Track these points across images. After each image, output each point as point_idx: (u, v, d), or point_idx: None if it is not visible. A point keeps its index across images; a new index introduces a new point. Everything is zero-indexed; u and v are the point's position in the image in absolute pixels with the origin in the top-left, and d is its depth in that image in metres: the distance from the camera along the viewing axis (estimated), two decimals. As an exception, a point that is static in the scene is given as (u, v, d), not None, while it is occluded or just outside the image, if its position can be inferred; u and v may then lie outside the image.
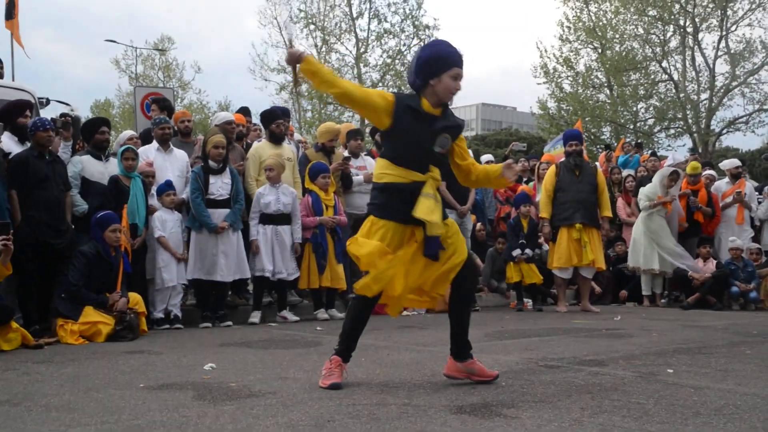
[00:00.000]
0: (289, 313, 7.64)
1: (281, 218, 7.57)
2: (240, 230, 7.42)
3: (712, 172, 11.26)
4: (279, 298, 7.71)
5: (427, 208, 3.86)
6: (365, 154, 9.78)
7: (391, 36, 27.17)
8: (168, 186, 7.28)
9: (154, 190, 7.30)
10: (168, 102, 9.28)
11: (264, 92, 63.25)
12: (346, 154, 8.71)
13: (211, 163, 7.30)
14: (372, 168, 8.92)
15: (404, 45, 27.38)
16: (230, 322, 7.27)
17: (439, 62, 3.92)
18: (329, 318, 7.75)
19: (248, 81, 79.26)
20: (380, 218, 4.00)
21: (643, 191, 9.90)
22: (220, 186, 7.30)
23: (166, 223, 7.22)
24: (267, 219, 7.53)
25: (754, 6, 27.39)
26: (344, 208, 8.32)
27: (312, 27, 26.91)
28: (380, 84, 27.67)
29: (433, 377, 4.27)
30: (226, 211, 7.27)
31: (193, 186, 7.25)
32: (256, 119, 9.60)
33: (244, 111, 9.33)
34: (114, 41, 32.93)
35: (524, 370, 4.53)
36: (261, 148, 8.14)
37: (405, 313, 8.40)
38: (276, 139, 8.18)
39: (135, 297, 6.55)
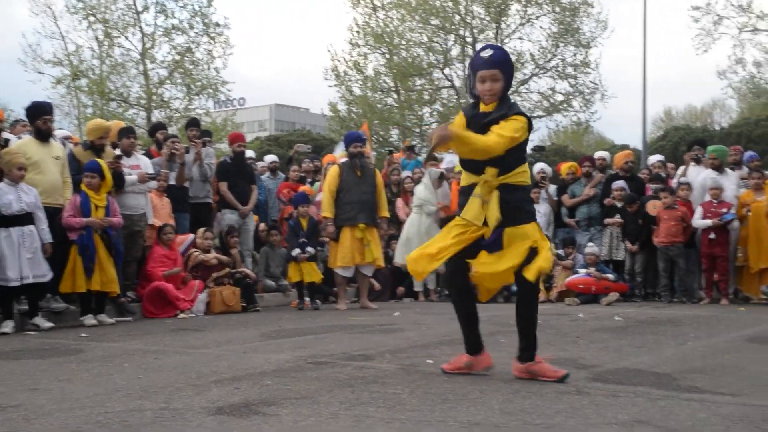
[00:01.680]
0: (41, 319, 7.07)
1: (25, 218, 6.96)
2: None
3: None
4: (30, 304, 7.14)
5: (471, 208, 4.09)
6: (143, 153, 9.40)
7: (179, 32, 26.30)
8: None
9: None
10: None
11: (38, 86, 58.81)
12: (117, 152, 8.30)
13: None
14: (146, 167, 8.60)
15: (193, 42, 26.63)
16: (-21, 334, 6.65)
17: (471, 71, 4.21)
18: (98, 324, 7.33)
19: (19, 73, 73.02)
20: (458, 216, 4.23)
21: (419, 194, 10.36)
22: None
23: None
24: (9, 221, 6.86)
25: (524, 21, 29.70)
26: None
27: (92, 19, 25.37)
28: (168, 82, 26.72)
29: (198, 380, 4.17)
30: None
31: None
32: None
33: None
34: None
35: (292, 368, 4.56)
36: (25, 144, 7.53)
37: (181, 315, 8.17)
38: (42, 136, 7.61)
39: None
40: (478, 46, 30.24)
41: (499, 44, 29.99)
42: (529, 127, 4.10)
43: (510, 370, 4.21)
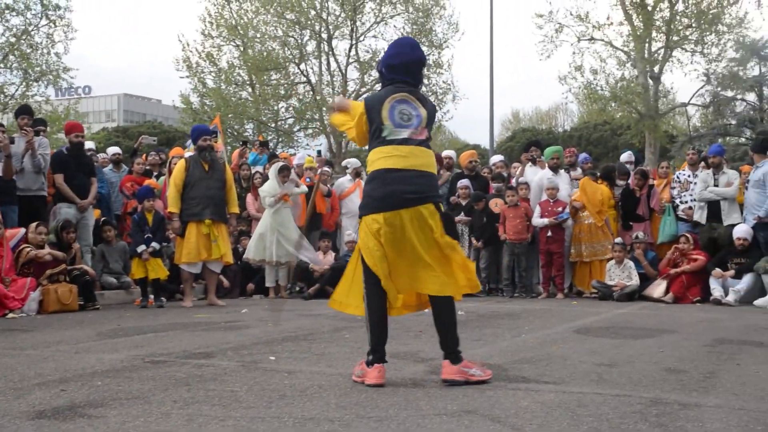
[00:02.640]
0: None
1: None
2: None
3: (327, 169, 12.06)
4: None
5: None
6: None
7: (14, 13, 24.63)
8: None
9: None
10: None
11: None
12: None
13: None
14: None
15: (31, 24, 25.03)
16: None
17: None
18: None
19: None
20: None
21: (264, 189, 10.27)
22: None
23: None
24: None
25: (378, 20, 30.14)
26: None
27: None
28: (1, 65, 24.97)
29: (20, 382, 3.93)
30: None
31: None
32: None
33: None
34: None
35: (127, 368, 4.39)
36: None
37: (11, 315, 7.67)
38: None
39: None
40: (334, 42, 30.45)
41: (355, 41, 30.28)
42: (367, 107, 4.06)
43: (349, 367, 4.24)
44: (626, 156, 11.78)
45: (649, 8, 26.36)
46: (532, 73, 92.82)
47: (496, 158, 12.76)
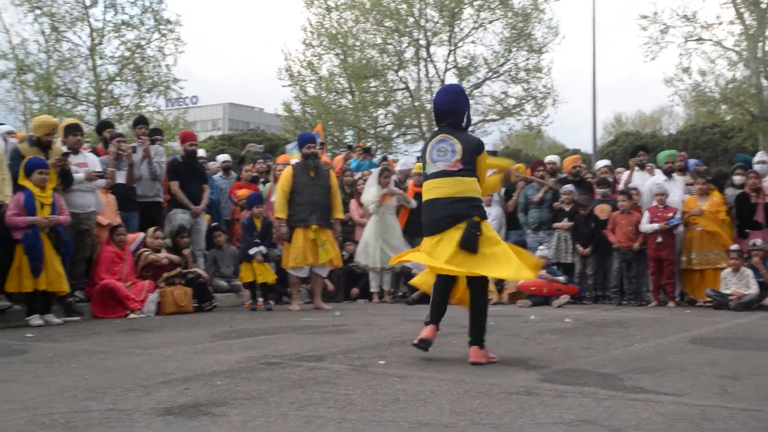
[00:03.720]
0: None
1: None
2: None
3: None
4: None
5: None
6: (90, 150, 9.23)
7: (129, 28, 25.86)
8: None
9: None
10: None
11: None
12: (64, 149, 8.14)
13: None
14: (93, 165, 8.44)
15: (144, 39, 26.21)
16: None
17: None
18: (44, 324, 7.18)
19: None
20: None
21: (364, 197, 10.39)
22: None
23: None
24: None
25: (477, 25, 29.99)
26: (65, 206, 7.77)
27: (38, 12, 24.76)
28: (118, 78, 26.26)
29: (147, 380, 4.12)
30: None
31: None
32: None
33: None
34: None
35: (243, 369, 4.53)
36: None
37: (132, 315, 8.06)
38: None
39: None
40: (432, 49, 30.49)
41: (453, 47, 30.24)
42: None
43: (460, 373, 4.24)
44: (760, 155, 11.12)
45: (763, 5, 25.14)
46: (635, 76, 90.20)
47: (601, 163, 12.44)
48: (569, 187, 10.93)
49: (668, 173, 10.37)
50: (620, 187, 10.90)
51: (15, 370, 4.52)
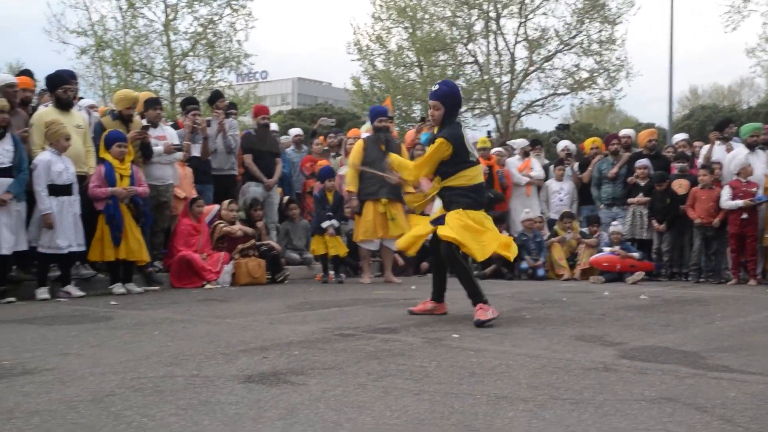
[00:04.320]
0: (73, 288, 7.22)
1: (68, 188, 7.12)
2: (24, 201, 6.91)
3: (500, 149, 12.01)
4: (62, 272, 7.27)
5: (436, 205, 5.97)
6: (171, 124, 9.44)
7: (202, 4, 26.26)
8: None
9: None
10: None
11: (62, 55, 58.73)
12: (144, 123, 8.34)
13: (-10, 128, 6.71)
14: (172, 138, 8.64)
15: (216, 14, 26.59)
16: (13, 298, 6.77)
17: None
18: (126, 292, 7.44)
19: (44, 42, 73.25)
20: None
21: None
22: (0, 153, 6.73)
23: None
24: (57, 190, 7.02)
25: (549, -4, 29.36)
26: (145, 179, 7.99)
27: (116, -11, 25.39)
28: (191, 54, 26.74)
29: (227, 348, 4.23)
30: (8, 180, 6.71)
31: (-30, 153, 6.62)
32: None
33: (29, 74, 8.65)
34: None
35: (319, 339, 4.60)
36: (47, 114, 7.58)
37: (208, 286, 8.27)
38: (63, 105, 7.66)
39: None
40: (502, 21, 30.03)
41: (523, 19, 29.70)
42: (454, 142, 5.43)
43: (535, 348, 4.22)
44: None
45: None
46: (713, 47, 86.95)
47: (679, 136, 12.09)
48: (645, 161, 10.66)
49: (751, 147, 9.99)
50: (699, 161, 10.57)
51: (103, 336, 4.69)
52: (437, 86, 5.67)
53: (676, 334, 4.97)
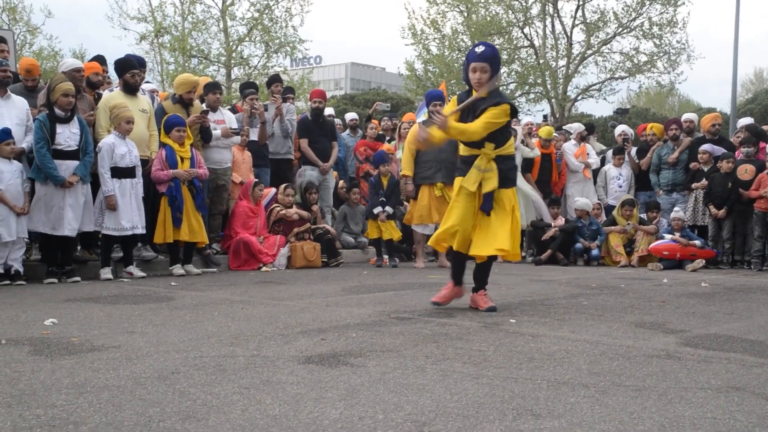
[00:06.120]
0: (135, 268, 7.41)
1: (132, 171, 7.29)
2: (89, 183, 7.10)
3: (555, 134, 11.90)
4: (125, 253, 7.46)
5: (470, 178, 5.18)
6: (229, 108, 9.56)
7: (258, -12, 26.48)
8: (6, 134, 6.77)
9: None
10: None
11: (123, 41, 59.99)
12: (204, 107, 8.47)
13: (57, 111, 6.89)
14: (230, 122, 8.76)
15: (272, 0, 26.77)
16: (78, 278, 6.98)
17: (465, 61, 5.22)
18: (185, 273, 7.59)
19: (105, 29, 74.76)
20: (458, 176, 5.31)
21: None
22: (67, 136, 6.91)
23: (4, 175, 6.68)
24: (120, 172, 7.20)
25: (609, -22, 28.73)
26: (204, 162, 8.12)
27: (175, -24, 25.78)
28: (247, 39, 26.99)
29: (285, 330, 4.28)
30: (75, 162, 6.90)
31: (38, 135, 6.81)
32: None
33: (100, 59, 8.87)
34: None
35: (376, 322, 4.62)
36: (113, 98, 7.77)
37: (264, 268, 8.38)
38: (130, 89, 7.84)
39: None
40: (560, 4, 29.53)
41: (582, 2, 29.17)
42: (513, 112, 5.17)
43: (594, 334, 4.16)
44: None
45: None
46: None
47: (744, 120, 11.73)
48: (708, 146, 10.39)
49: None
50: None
51: (165, 316, 4.80)
52: (482, 48, 5.15)
53: (741, 323, 4.85)
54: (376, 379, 3.11)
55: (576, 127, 12.28)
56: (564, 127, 13.44)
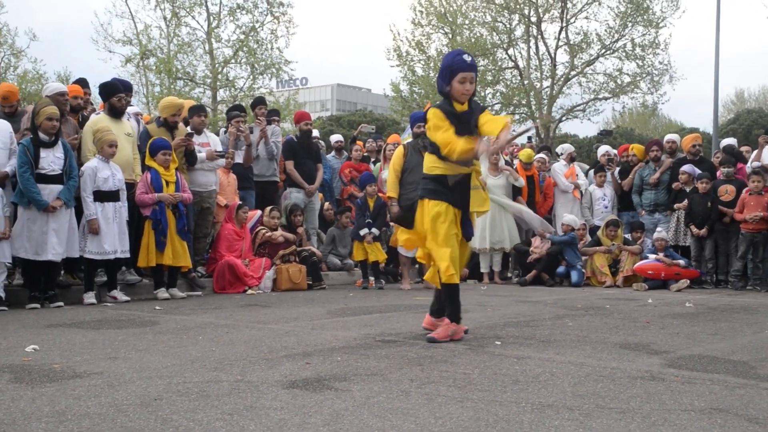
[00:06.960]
0: (119, 292, 7.36)
1: (115, 195, 7.26)
2: (73, 207, 7.06)
3: (542, 155, 11.98)
4: (109, 277, 7.40)
5: (477, 199, 4.83)
6: (223, 130, 9.55)
7: (244, 11, 26.59)
8: (-11, 158, 6.72)
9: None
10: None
11: (108, 64, 60.06)
12: (189, 130, 8.47)
13: (42, 135, 6.86)
14: (215, 144, 8.75)
15: (258, 21, 26.89)
16: (61, 303, 6.91)
17: (448, 70, 4.64)
18: (170, 297, 7.55)
19: (91, 51, 74.86)
20: (435, 200, 4.78)
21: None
22: (51, 160, 6.87)
23: (-16, 199, 6.65)
24: (103, 196, 7.17)
25: (591, 0, 29.06)
26: (188, 185, 8.10)
27: (160, -1, 25.85)
28: (233, 61, 27.06)
29: (270, 354, 4.26)
30: (58, 187, 6.85)
31: (21, 160, 6.76)
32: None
33: (82, 83, 8.86)
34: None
35: (361, 345, 4.61)
36: (99, 121, 7.75)
37: (249, 291, 8.35)
38: (115, 113, 7.83)
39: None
40: (543, 26, 29.82)
41: (565, 23, 29.48)
42: None
43: (579, 356, 4.17)
44: None
45: None
46: (760, 49, 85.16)
47: (726, 141, 11.85)
48: (688, 167, 10.49)
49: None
50: (747, 166, 10.35)
51: (149, 341, 4.76)
52: (469, 57, 4.69)
53: (725, 343, 4.88)
54: (360, 404, 3.10)
55: (566, 147, 12.35)
56: (556, 149, 13.53)
